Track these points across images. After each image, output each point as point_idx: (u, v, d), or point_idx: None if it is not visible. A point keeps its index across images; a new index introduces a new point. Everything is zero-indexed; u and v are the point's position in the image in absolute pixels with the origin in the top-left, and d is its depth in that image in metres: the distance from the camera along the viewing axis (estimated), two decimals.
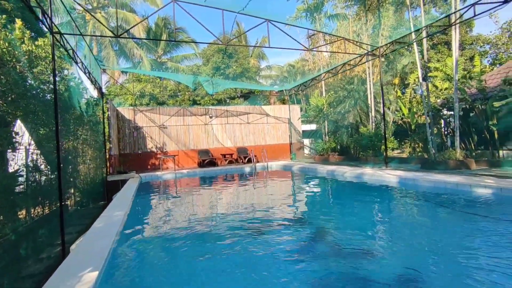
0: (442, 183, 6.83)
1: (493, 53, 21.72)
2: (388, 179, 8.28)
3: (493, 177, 6.75)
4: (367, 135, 13.05)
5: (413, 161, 11.84)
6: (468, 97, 12.24)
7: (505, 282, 2.77)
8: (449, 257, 3.42)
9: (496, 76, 13.36)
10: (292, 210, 6.28)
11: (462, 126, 12.93)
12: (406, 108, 15.64)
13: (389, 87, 16.23)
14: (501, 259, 3.24)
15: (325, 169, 11.17)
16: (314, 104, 15.45)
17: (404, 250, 3.75)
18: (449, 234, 4.27)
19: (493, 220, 4.60)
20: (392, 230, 4.70)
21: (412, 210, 5.74)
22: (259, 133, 17.78)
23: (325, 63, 19.24)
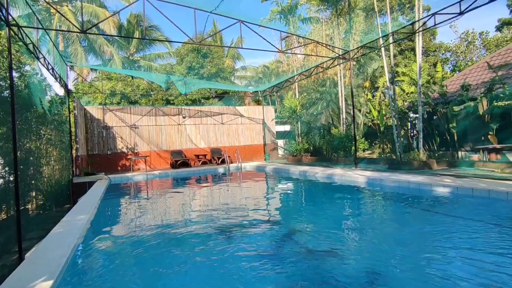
0: (406, 183, 7.16)
1: (454, 61, 23.15)
2: (357, 179, 8.55)
3: (451, 177, 7.17)
4: (338, 137, 13.42)
5: (381, 161, 12.31)
6: (431, 101, 12.93)
7: (464, 276, 2.94)
8: (412, 254, 3.59)
9: (456, 82, 14.22)
10: (263, 211, 6.31)
11: (426, 128, 13.64)
12: (376, 111, 16.24)
13: (360, 90, 16.77)
14: (459, 255, 3.45)
15: (298, 170, 11.34)
16: (288, 105, 15.65)
17: (369, 248, 3.89)
18: (411, 232, 4.48)
19: (452, 218, 4.88)
20: (359, 230, 4.86)
21: (378, 210, 5.97)
22: (233, 133, 17.74)
23: (299, 65, 19.56)
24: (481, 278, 2.87)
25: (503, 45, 20.53)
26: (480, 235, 4.02)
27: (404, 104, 14.64)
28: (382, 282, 2.90)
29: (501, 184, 5.97)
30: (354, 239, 4.28)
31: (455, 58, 23.05)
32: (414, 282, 2.90)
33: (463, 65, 21.87)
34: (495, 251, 3.46)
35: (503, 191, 5.39)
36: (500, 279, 2.81)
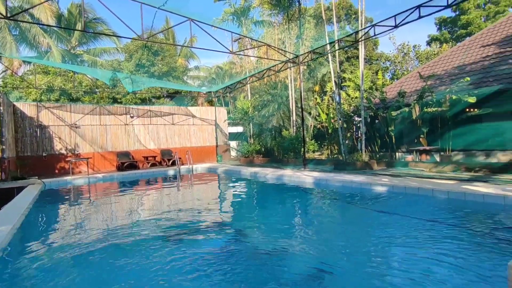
0: (349, 182, 7.58)
1: (393, 69, 25.34)
2: (305, 180, 8.84)
3: (388, 176, 7.77)
4: (289, 138, 13.80)
5: (329, 162, 12.91)
6: (373, 106, 13.92)
7: (399, 267, 3.16)
8: (354, 250, 3.78)
9: (394, 89, 15.49)
10: (213, 213, 6.21)
11: (368, 131, 14.65)
12: (324, 114, 17.03)
13: (310, 93, 17.45)
14: (398, 251, 3.71)
15: (249, 171, 11.40)
16: (240, 107, 15.70)
17: (314, 246, 4.01)
18: (354, 230, 4.74)
19: (388, 215, 5.27)
20: (305, 229, 5.00)
21: (322, 210, 6.23)
22: (185, 134, 17.28)
23: (252, 67, 19.74)
24: (409, 268, 3.12)
25: (432, 57, 22.96)
26: (410, 230, 4.38)
27: (350, 108, 15.57)
28: (327, 279, 3.00)
29: (428, 182, 6.62)
30: (301, 238, 4.40)
31: (394, 67, 25.23)
32: (357, 278, 3.04)
33: (400, 74, 24.00)
34: (424, 246, 3.79)
35: (429, 188, 5.97)
36: (425, 267, 3.08)
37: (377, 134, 14.18)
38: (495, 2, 26.98)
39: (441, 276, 2.91)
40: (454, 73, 13.27)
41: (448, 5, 6.53)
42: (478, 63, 12.67)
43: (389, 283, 2.85)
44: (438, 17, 30.27)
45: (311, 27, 21.02)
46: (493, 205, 5.06)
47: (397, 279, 2.92)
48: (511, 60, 11.41)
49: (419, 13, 7.14)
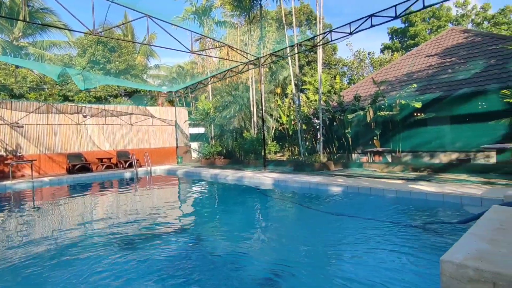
0: (307, 183, 7.77)
1: (350, 74, 26.64)
2: (265, 181, 8.91)
3: (343, 177, 8.10)
4: (250, 140, 13.84)
5: (289, 163, 13.16)
6: (331, 108, 14.47)
7: (357, 271, 3.26)
8: (309, 252, 3.85)
9: (351, 93, 16.24)
10: (171, 217, 5.99)
11: (327, 133, 15.21)
12: (285, 116, 17.37)
13: (271, 95, 17.68)
14: (350, 250, 3.84)
15: (209, 173, 11.24)
16: (201, 107, 15.45)
17: (271, 249, 4.03)
18: (309, 231, 4.84)
19: (341, 216, 5.46)
20: (263, 231, 5.02)
21: (280, 211, 6.30)
22: (143, 135, 16.59)
23: (214, 68, 19.54)
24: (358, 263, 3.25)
25: (384, 64, 24.52)
26: (361, 230, 4.58)
27: (310, 111, 16.04)
28: (283, 282, 3.01)
29: (379, 182, 7.00)
30: (257, 241, 4.39)
31: (351, 72, 26.53)
32: (311, 279, 3.09)
33: (356, 78, 25.29)
34: (371, 245, 3.98)
35: (380, 188, 6.31)
36: (374, 264, 3.23)
37: (335, 136, 14.76)
38: (437, 17, 29.56)
39: (391, 269, 3.07)
40: (403, 79, 14.25)
41: (396, 16, 7.00)
42: (423, 72, 13.74)
43: (340, 284, 2.94)
44: (390, 27, 32.42)
45: (273, 30, 21.36)
46: (434, 202, 5.48)
47: (349, 279, 3.02)
48: (450, 70, 12.53)
49: (371, 22, 7.55)
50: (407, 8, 6.90)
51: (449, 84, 11.84)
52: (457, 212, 4.96)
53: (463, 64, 12.44)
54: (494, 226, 2.67)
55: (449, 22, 29.16)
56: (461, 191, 5.49)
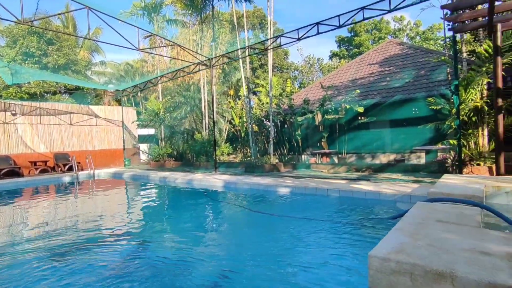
0: (256, 185, 7.85)
1: (300, 78, 27.69)
2: (215, 183, 8.82)
3: (292, 178, 8.34)
4: (201, 142, 13.62)
5: (240, 165, 13.21)
6: (282, 111, 14.86)
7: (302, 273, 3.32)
8: (256, 255, 3.86)
9: (301, 96, 16.84)
10: (115, 223, 5.61)
11: (278, 135, 15.57)
12: (238, 117, 17.42)
13: (223, 97, 17.60)
14: (296, 251, 3.92)
15: (158, 176, 10.81)
16: (151, 108, 14.81)
17: (219, 252, 3.96)
18: (254, 234, 4.87)
19: (287, 218, 5.60)
20: (210, 235, 4.93)
21: (228, 214, 6.27)
22: (86, 136, 15.39)
23: (164, 67, 18.89)
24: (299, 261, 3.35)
25: (332, 70, 25.93)
26: (306, 229, 4.74)
27: (262, 113, 16.29)
28: (228, 285, 2.97)
29: (325, 182, 7.34)
30: (205, 245, 4.30)
31: (302, 76, 27.57)
32: (257, 282, 3.09)
33: (306, 83, 26.33)
34: (314, 245, 4.13)
35: (325, 188, 6.62)
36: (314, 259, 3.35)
37: (286, 138, 15.18)
38: (379, 29, 32.15)
39: (329, 266, 3.21)
40: (348, 85, 15.18)
41: (339, 25, 7.44)
42: (366, 78, 14.78)
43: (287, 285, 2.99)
44: (338, 36, 34.39)
45: (226, 31, 21.33)
46: (372, 200, 5.90)
47: (294, 279, 3.09)
48: (388, 78, 13.66)
49: (318, 29, 7.92)
50: (349, 18, 7.36)
51: (387, 91, 12.89)
52: (391, 208, 5.39)
53: (399, 73, 13.64)
54: (416, 221, 2.94)
55: (388, 34, 31.84)
56: (395, 189, 5.98)
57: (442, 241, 2.39)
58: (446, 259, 2.05)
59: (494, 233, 2.64)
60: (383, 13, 6.81)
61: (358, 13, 7.19)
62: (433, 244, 2.34)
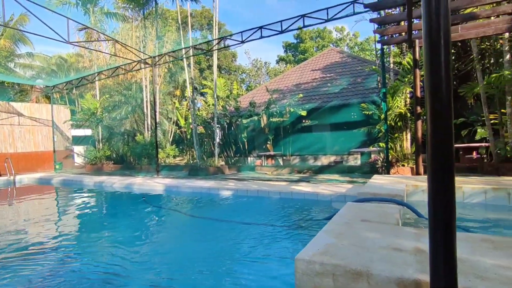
0: (198, 188, 7.66)
1: (248, 81, 28.01)
2: (155, 187, 8.41)
3: (235, 180, 8.32)
4: (142, 144, 12.93)
5: (184, 168, 12.83)
6: (228, 113, 14.81)
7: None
8: (194, 262, 3.70)
9: (247, 99, 16.98)
10: (34, 234, 4.96)
11: (225, 137, 15.49)
12: (183, 119, 16.93)
13: (168, 97, 16.98)
14: (233, 257, 3.84)
15: (93, 181, 9.96)
16: (87, 106, 13.63)
17: (153, 261, 3.73)
18: (192, 239, 4.71)
19: (227, 223, 5.53)
20: (144, 243, 4.64)
21: (166, 219, 6.01)
22: (6, 137, 13.59)
23: (104, 63, 17.54)
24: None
25: (278, 74, 26.70)
26: (243, 233, 4.73)
27: (208, 115, 16.05)
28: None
29: (267, 184, 7.45)
30: (141, 253, 4.02)
31: (249, 79, 27.89)
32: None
33: (253, 85, 26.71)
34: (248, 249, 4.13)
35: (266, 190, 6.71)
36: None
37: (232, 140, 15.16)
38: (322, 38, 34.04)
39: (262, 270, 3.21)
40: (293, 89, 15.72)
41: (281, 31, 7.65)
42: (309, 83, 15.47)
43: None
44: (285, 41, 35.59)
45: (173, 30, 20.60)
46: (310, 201, 6.13)
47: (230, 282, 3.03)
48: (329, 84, 14.47)
49: (261, 33, 8.04)
50: (291, 24, 7.60)
51: (327, 96, 13.63)
52: (327, 209, 5.66)
53: (338, 80, 14.54)
54: (343, 221, 3.10)
55: (330, 42, 33.86)
56: (331, 190, 6.30)
57: (364, 240, 2.54)
58: (364, 258, 2.17)
59: (408, 229, 2.89)
60: (321, 22, 7.16)
61: (299, 20, 7.46)
62: (355, 243, 2.48)
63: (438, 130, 1.58)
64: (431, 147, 1.59)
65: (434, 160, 1.58)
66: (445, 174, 1.56)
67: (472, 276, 1.84)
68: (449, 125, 1.56)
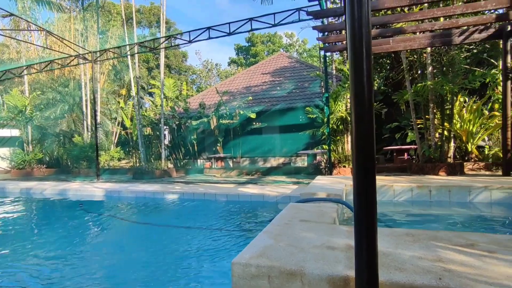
0: (142, 192, 7.27)
1: (199, 82, 27.58)
2: (95, 193, 7.80)
3: (182, 184, 8.07)
4: (81, 146, 11.93)
5: (128, 171, 12.12)
6: (177, 115, 14.36)
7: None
8: (128, 272, 3.46)
9: (197, 100, 16.68)
10: None
11: (174, 139, 14.98)
12: (129, 120, 16.00)
13: (112, 96, 15.94)
14: (167, 265, 3.67)
15: (19, 187, 8.89)
16: (13, 103, 12.14)
17: (91, 273, 3.40)
18: (132, 247, 4.43)
19: (170, 227, 5.32)
20: (79, 255, 4.23)
21: (104, 226, 5.59)
22: None
23: (35, 56, 15.84)
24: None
25: (230, 76, 26.73)
26: (186, 238, 4.58)
27: (157, 115, 15.39)
28: None
29: (214, 187, 7.35)
30: (74, 266, 3.65)
31: (200, 80, 27.48)
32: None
33: (204, 87, 26.37)
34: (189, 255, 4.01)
35: (213, 193, 6.61)
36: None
37: (181, 142, 14.72)
38: (273, 42, 34.95)
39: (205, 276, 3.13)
40: (243, 92, 15.82)
41: (229, 33, 7.64)
42: (259, 86, 15.71)
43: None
44: (237, 44, 35.79)
45: (118, 25, 19.40)
46: (256, 202, 6.18)
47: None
48: (278, 88, 14.86)
49: (209, 34, 7.94)
50: (239, 27, 7.63)
51: (276, 99, 13.97)
52: (273, 210, 5.75)
53: (287, 84, 15.00)
54: (283, 222, 3.15)
55: (281, 47, 34.88)
56: (277, 191, 6.43)
57: (300, 240, 2.60)
58: (299, 258, 2.21)
59: (343, 227, 3.04)
60: (268, 27, 7.32)
61: (247, 23, 7.53)
62: (292, 244, 2.52)
63: (360, 133, 1.67)
64: (355, 148, 1.67)
65: (358, 161, 1.67)
66: (367, 174, 1.66)
67: (393, 268, 1.98)
68: (371, 128, 1.66)
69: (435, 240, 2.50)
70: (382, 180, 5.85)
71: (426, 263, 2.02)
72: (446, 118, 7.62)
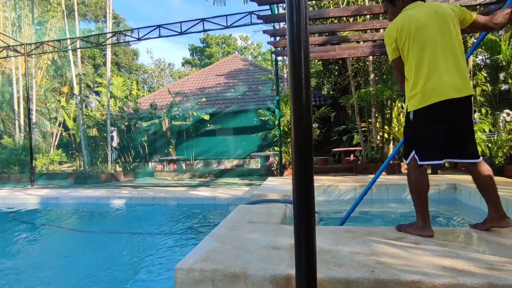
0: (85, 198, 6.75)
1: (150, 82, 26.52)
2: (28, 200, 7.05)
3: (130, 188, 7.66)
4: (11, 148, 10.72)
5: (71, 176, 11.17)
6: (126, 115, 13.61)
7: None
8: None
9: (148, 100, 16.01)
10: None
11: (123, 141, 14.16)
12: (71, 120, 14.79)
13: (50, 94, 14.61)
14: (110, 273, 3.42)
15: None
16: None
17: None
18: (68, 259, 4.09)
19: (111, 234, 4.99)
20: (13, 271, 3.77)
21: (39, 237, 5.07)
22: None
23: None
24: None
25: (183, 77, 26.13)
26: (130, 245, 4.35)
27: (103, 116, 14.41)
28: None
29: (165, 190, 7.09)
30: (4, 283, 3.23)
31: (151, 80, 26.44)
32: None
33: (156, 87, 25.43)
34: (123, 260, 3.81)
35: (163, 197, 6.38)
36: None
37: (131, 144, 13.97)
38: (228, 44, 34.98)
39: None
40: (196, 93, 15.54)
41: (181, 32, 7.46)
42: (213, 88, 15.58)
43: None
44: (192, 44, 35.13)
45: (59, 17, 17.86)
46: (208, 205, 6.09)
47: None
48: (232, 90, 14.88)
49: (159, 32, 7.66)
50: (191, 27, 7.48)
51: (230, 101, 13.97)
52: (224, 212, 5.71)
53: (240, 86, 15.09)
54: (230, 225, 3.14)
55: (236, 50, 35.01)
56: (229, 193, 6.41)
57: (247, 242, 2.61)
58: (244, 260, 2.21)
59: (289, 227, 3.10)
60: (220, 28, 7.29)
61: (199, 23, 7.41)
62: (238, 246, 2.51)
63: (299, 134, 1.71)
64: (294, 150, 1.71)
65: (297, 162, 1.72)
66: (305, 175, 1.71)
67: (332, 265, 2.07)
68: (309, 129, 1.71)
69: (372, 235, 2.67)
70: (330, 180, 6.14)
71: (361, 258, 2.14)
72: (386, 122, 8.27)
